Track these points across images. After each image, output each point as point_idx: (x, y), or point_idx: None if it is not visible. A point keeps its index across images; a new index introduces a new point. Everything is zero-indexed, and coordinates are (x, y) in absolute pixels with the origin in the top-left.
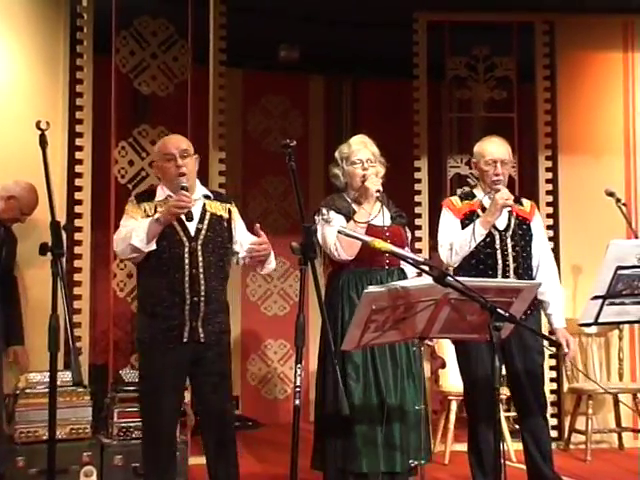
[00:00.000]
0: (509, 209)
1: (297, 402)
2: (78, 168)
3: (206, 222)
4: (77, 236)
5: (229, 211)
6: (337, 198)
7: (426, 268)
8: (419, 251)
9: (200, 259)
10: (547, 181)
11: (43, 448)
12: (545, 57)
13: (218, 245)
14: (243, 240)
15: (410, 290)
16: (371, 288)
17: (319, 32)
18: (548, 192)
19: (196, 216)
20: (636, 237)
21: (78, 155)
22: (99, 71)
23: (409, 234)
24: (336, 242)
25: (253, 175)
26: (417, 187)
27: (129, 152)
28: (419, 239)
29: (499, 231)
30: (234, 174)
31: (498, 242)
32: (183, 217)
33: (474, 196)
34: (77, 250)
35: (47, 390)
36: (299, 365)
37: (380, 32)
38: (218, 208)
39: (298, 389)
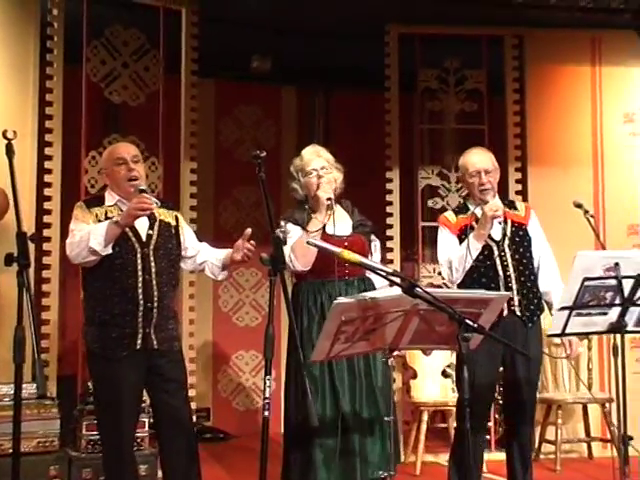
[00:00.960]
0: (502, 218)
1: (266, 414)
2: (47, 177)
3: (156, 228)
4: (46, 246)
5: (176, 218)
6: (297, 210)
7: (395, 279)
8: (390, 262)
9: (152, 265)
10: (517, 192)
11: (9, 462)
12: (515, 70)
13: (168, 251)
14: (195, 246)
15: (379, 301)
16: (341, 299)
17: (291, 43)
18: (517, 198)
19: (146, 222)
20: (604, 248)
21: (47, 164)
22: (69, 80)
23: (376, 243)
24: (290, 253)
25: (225, 185)
26: (389, 198)
27: (99, 162)
28: (390, 250)
29: (496, 242)
30: (206, 184)
31: (496, 253)
32: (145, 220)
33: (468, 209)
34: (46, 260)
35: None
36: (268, 376)
37: (352, 43)
38: (166, 215)
39: (267, 400)
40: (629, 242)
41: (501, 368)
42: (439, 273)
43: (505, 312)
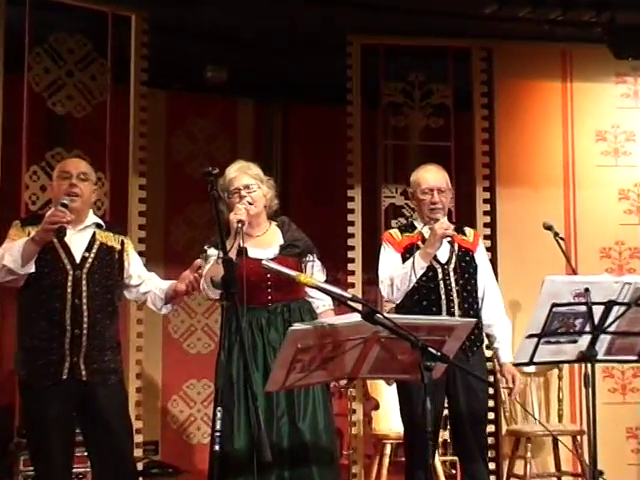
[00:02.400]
0: (450, 240)
1: (217, 447)
2: None
3: (94, 251)
4: None
5: (122, 243)
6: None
7: (355, 304)
8: (352, 286)
9: (84, 289)
10: (485, 213)
11: None
12: (483, 84)
13: (106, 276)
14: (141, 275)
15: (338, 328)
16: (297, 325)
17: (248, 53)
18: (486, 224)
19: (83, 244)
20: (574, 273)
21: None
22: (10, 90)
23: (314, 263)
24: (202, 281)
25: (177, 202)
26: (350, 218)
27: (41, 177)
28: (352, 273)
29: (441, 264)
30: (156, 201)
31: (441, 276)
32: (71, 239)
33: (414, 228)
34: None
35: None
36: (219, 408)
37: (313, 55)
38: (110, 238)
39: (218, 433)
40: (602, 265)
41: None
42: None
43: None
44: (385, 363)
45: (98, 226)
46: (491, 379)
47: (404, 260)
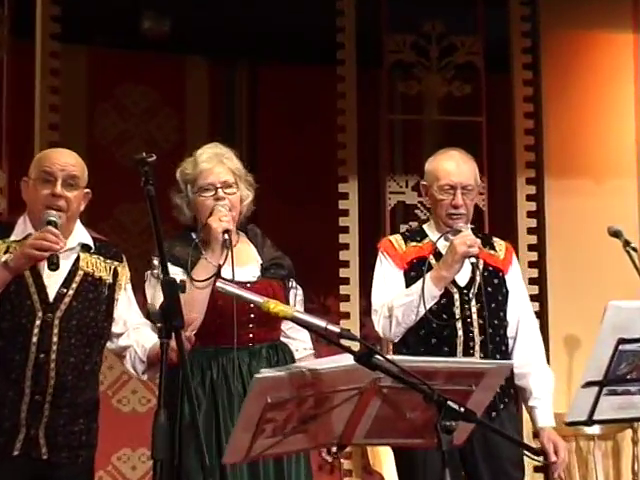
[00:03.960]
0: (475, 259)
1: None
2: None
3: (75, 284)
4: None
5: (114, 273)
6: (179, 241)
7: (346, 342)
8: (345, 316)
9: (55, 339)
10: (529, 215)
11: None
12: (524, 37)
13: (87, 322)
14: (128, 319)
15: (323, 375)
16: (264, 372)
17: None
18: (530, 231)
19: (61, 274)
20: None
21: None
22: None
23: (297, 291)
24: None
25: (102, 201)
26: (343, 222)
27: None
28: (346, 298)
29: (459, 288)
30: None
31: (458, 304)
32: (45, 266)
33: (425, 235)
34: None
35: None
36: None
37: None
38: (99, 266)
39: None
40: None
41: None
42: None
43: None
44: (389, 423)
45: (84, 247)
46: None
47: (408, 280)
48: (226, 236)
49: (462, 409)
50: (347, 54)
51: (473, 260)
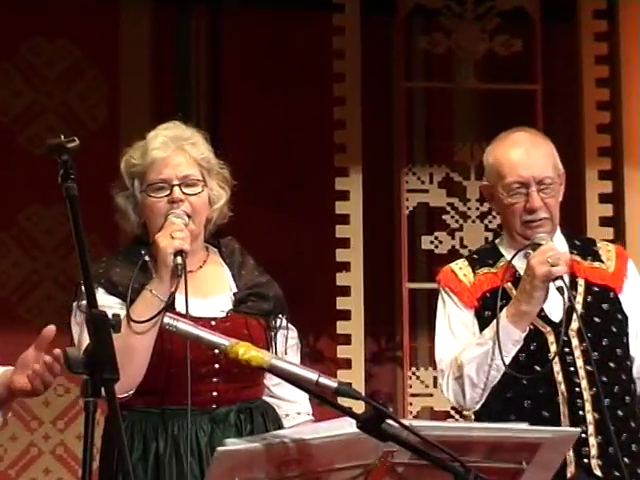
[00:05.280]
0: (560, 287)
1: None
2: None
3: None
4: None
5: None
6: (121, 259)
7: (346, 401)
8: (345, 364)
9: None
10: (603, 222)
11: None
12: None
13: None
14: None
15: (312, 447)
16: (231, 443)
17: None
18: (605, 236)
19: None
20: None
21: None
22: None
23: (289, 332)
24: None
25: (3, 201)
26: (341, 232)
27: None
28: (345, 339)
29: (554, 325)
30: None
31: (554, 348)
32: None
33: (499, 255)
34: None
35: None
36: None
37: None
38: None
39: None
40: None
41: None
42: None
43: (571, 469)
44: None
45: None
46: None
47: (482, 323)
48: (179, 259)
49: None
50: None
51: (559, 283)
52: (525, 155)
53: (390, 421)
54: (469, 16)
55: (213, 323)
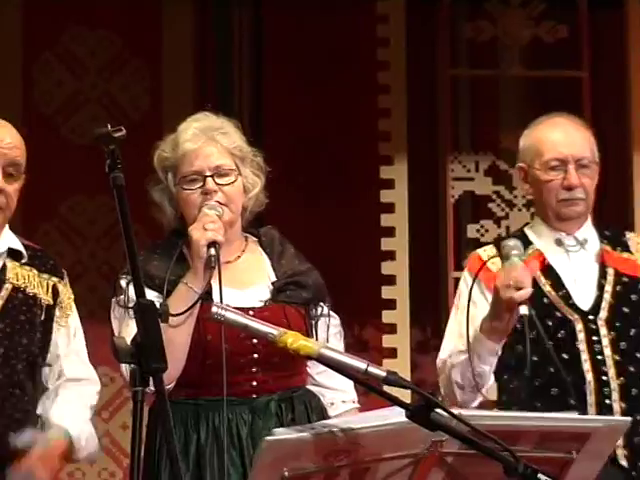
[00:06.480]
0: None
1: None
2: None
3: (1, 301)
4: None
5: (54, 291)
6: (159, 251)
7: (394, 390)
8: (390, 354)
9: None
10: None
11: None
12: None
13: (18, 351)
14: (64, 366)
15: (361, 437)
16: (279, 433)
17: None
18: None
19: None
20: None
21: None
22: None
23: (332, 320)
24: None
25: (45, 194)
26: (386, 221)
27: None
28: (391, 328)
29: (583, 314)
30: None
31: (583, 337)
32: None
33: (528, 242)
34: None
35: None
36: None
37: None
38: (33, 281)
39: None
40: None
41: None
42: None
43: None
44: None
45: (13, 254)
46: None
47: None
48: (212, 251)
49: None
50: None
51: (524, 310)
52: (565, 134)
53: (439, 410)
54: (514, 2)
55: (251, 313)
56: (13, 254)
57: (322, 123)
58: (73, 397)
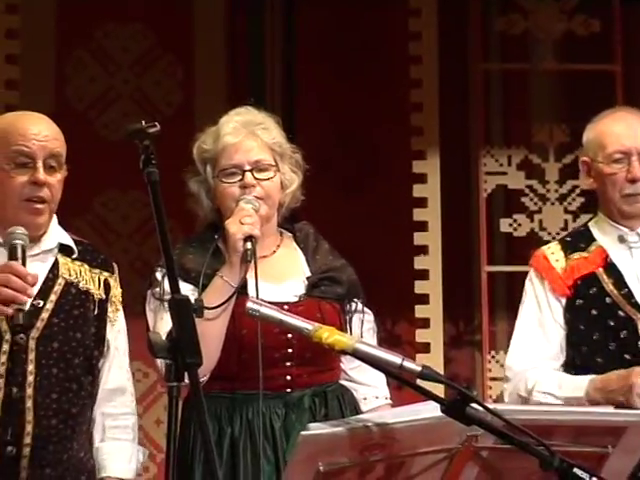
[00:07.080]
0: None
1: None
2: None
3: (54, 295)
4: None
5: (106, 286)
6: (195, 245)
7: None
8: (423, 348)
9: (31, 368)
10: None
11: None
12: None
13: (73, 346)
14: (119, 345)
15: (396, 431)
16: (314, 428)
17: None
18: None
19: (37, 282)
20: None
21: None
22: None
23: (366, 316)
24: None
25: (78, 189)
26: (419, 215)
27: None
28: (424, 323)
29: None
30: None
31: None
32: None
33: (592, 239)
34: None
35: None
36: None
37: None
38: (85, 276)
39: None
40: None
41: None
42: None
43: None
44: None
45: (64, 249)
46: None
47: (574, 313)
48: (248, 245)
49: (595, 478)
50: None
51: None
52: (628, 127)
53: (474, 405)
54: None
55: (286, 308)
56: (64, 249)
57: (354, 118)
58: (119, 432)
